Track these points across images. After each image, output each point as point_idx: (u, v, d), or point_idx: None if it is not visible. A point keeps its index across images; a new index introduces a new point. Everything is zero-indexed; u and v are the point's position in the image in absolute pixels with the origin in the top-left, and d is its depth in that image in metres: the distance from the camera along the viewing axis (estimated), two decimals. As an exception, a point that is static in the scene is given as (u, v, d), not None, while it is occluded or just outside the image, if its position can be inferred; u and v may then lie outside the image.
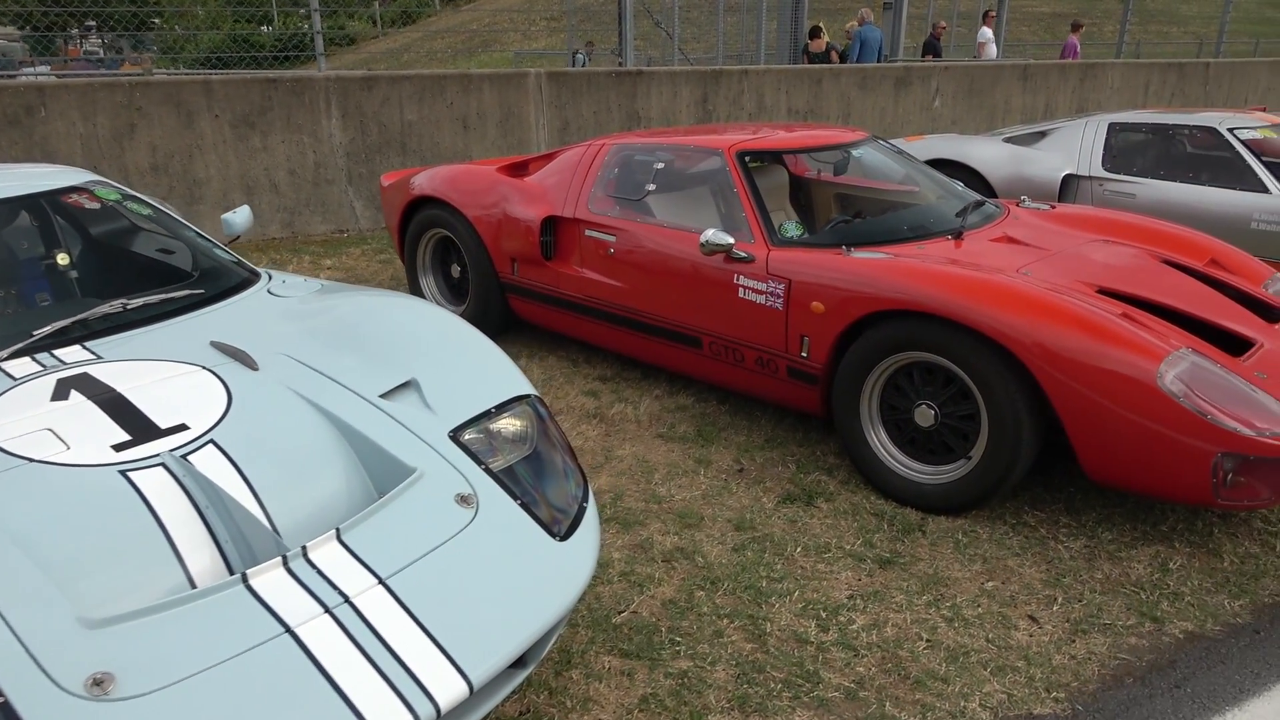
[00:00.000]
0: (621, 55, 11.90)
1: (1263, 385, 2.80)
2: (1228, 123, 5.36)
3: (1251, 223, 5.03)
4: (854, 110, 9.04)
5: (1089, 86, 10.45)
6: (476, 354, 2.51)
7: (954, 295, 2.91)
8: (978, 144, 6.14)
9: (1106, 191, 5.54)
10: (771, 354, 3.46)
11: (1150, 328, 2.91)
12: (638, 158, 4.11)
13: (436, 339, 2.53)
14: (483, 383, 2.39)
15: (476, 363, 2.47)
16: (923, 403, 3.09)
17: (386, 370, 2.35)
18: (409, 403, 2.27)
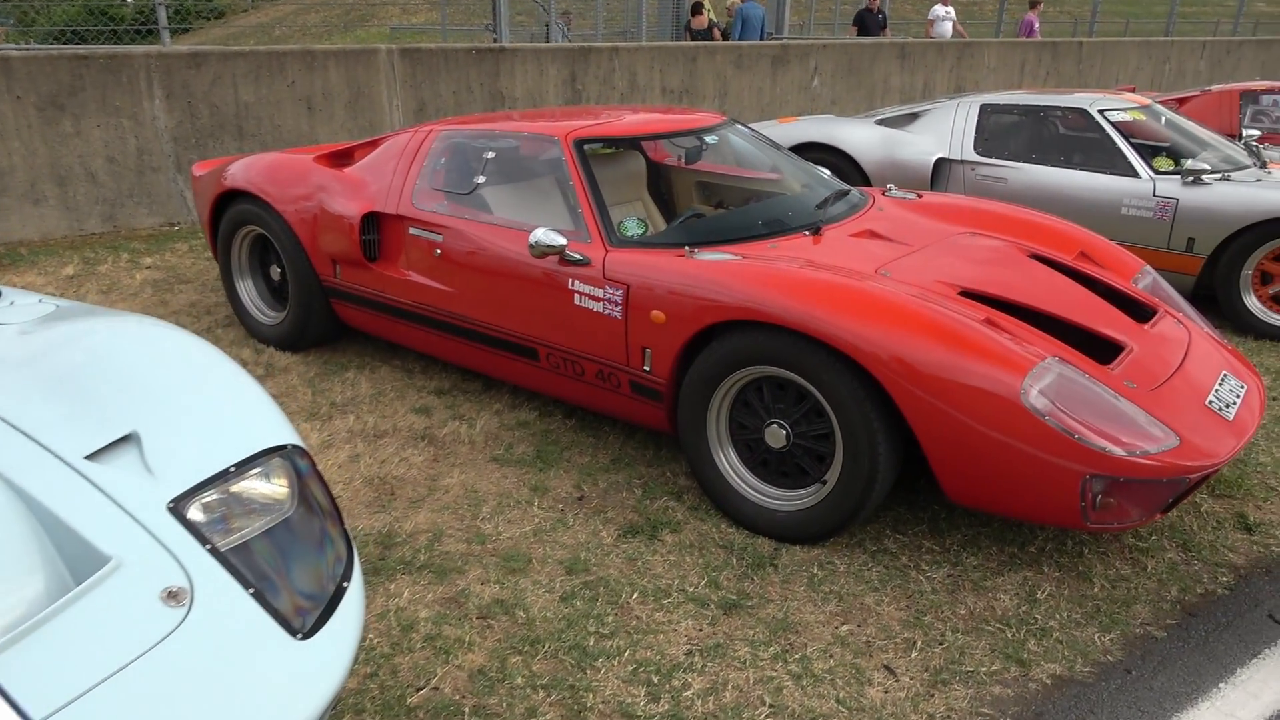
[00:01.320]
0: (496, 31, 11.36)
1: (1132, 396, 2.57)
2: (1098, 104, 5.22)
3: (1122, 208, 4.91)
4: (731, 90, 8.74)
5: (966, 65, 10.41)
6: (222, 395, 2.04)
7: (802, 304, 2.59)
8: (850, 127, 5.89)
9: (978, 176, 5.36)
10: (612, 367, 3.09)
11: (1015, 335, 2.65)
12: (467, 146, 3.66)
13: (173, 378, 2.05)
14: (224, 433, 1.93)
15: (219, 407, 2.00)
16: (774, 422, 2.78)
17: (101, 422, 1.86)
18: (122, 465, 1.80)
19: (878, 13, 13.68)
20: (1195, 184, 4.71)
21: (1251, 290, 4.66)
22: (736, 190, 4.30)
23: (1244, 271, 4.63)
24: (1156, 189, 4.81)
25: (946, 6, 13.09)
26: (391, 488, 3.09)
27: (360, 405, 3.71)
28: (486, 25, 12.21)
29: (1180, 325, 3.14)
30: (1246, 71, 13.23)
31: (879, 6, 13.76)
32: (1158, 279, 3.50)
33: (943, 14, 13.06)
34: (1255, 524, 2.96)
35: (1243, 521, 2.98)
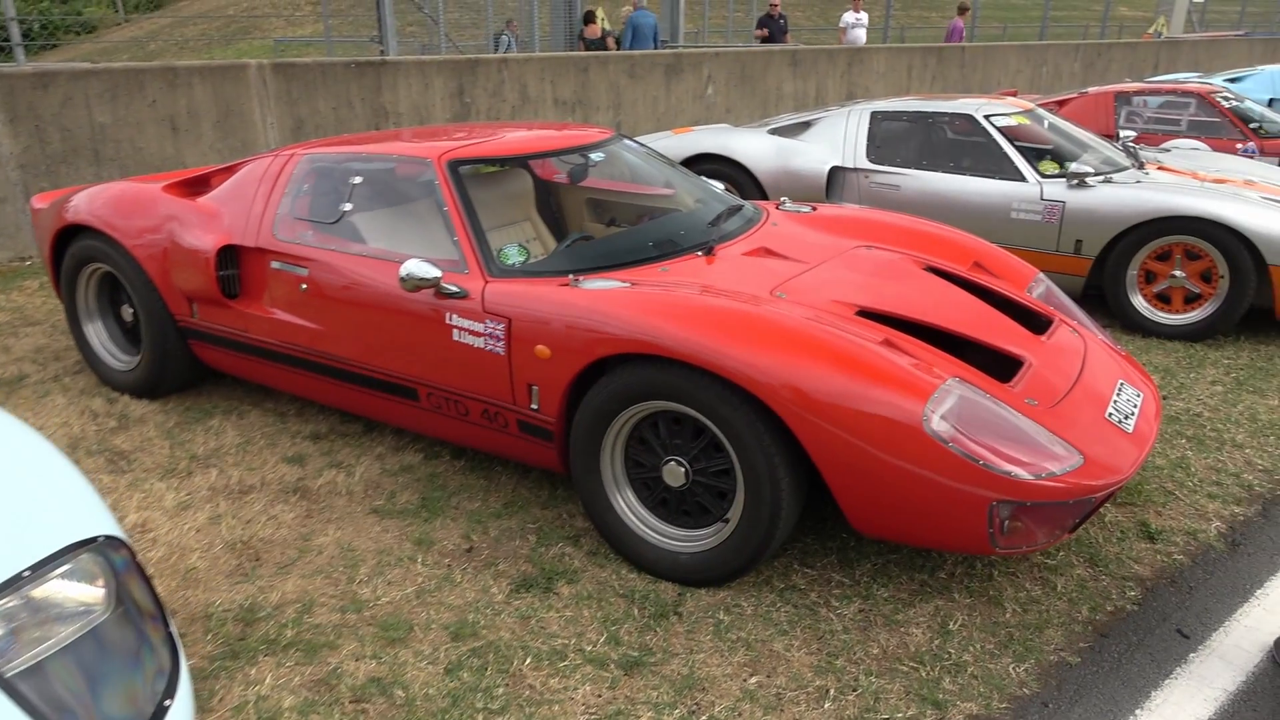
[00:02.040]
0: (382, 43, 10.98)
1: (1034, 414, 2.49)
2: (984, 110, 5.25)
3: (1011, 212, 4.93)
4: (625, 100, 8.61)
5: (857, 71, 10.53)
6: (22, 482, 1.75)
7: (694, 334, 2.43)
8: (743, 137, 5.80)
9: (872, 184, 5.32)
10: (498, 406, 2.88)
11: (914, 356, 2.54)
12: (333, 170, 3.39)
13: (-38, 461, 1.76)
14: (21, 529, 1.65)
15: (17, 496, 1.72)
16: (671, 459, 2.60)
17: None
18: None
19: (779, 18, 13.77)
20: (1080, 187, 4.76)
21: (1138, 289, 4.73)
22: (629, 207, 4.13)
23: (1129, 271, 4.69)
24: (1044, 192, 4.84)
25: (859, 14, 13.20)
26: (257, 552, 2.81)
27: (225, 457, 3.39)
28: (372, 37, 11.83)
29: (1075, 334, 3.10)
30: (1117, 73, 13.81)
31: (779, 12, 13.84)
32: (1051, 286, 3.47)
33: (853, 20, 13.17)
34: (1157, 531, 2.93)
35: (1145, 530, 2.94)
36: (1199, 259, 4.55)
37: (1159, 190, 4.62)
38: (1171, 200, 4.50)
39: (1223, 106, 6.87)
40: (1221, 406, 3.89)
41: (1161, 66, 14.92)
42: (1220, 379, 4.19)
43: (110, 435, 3.58)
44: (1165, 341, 4.64)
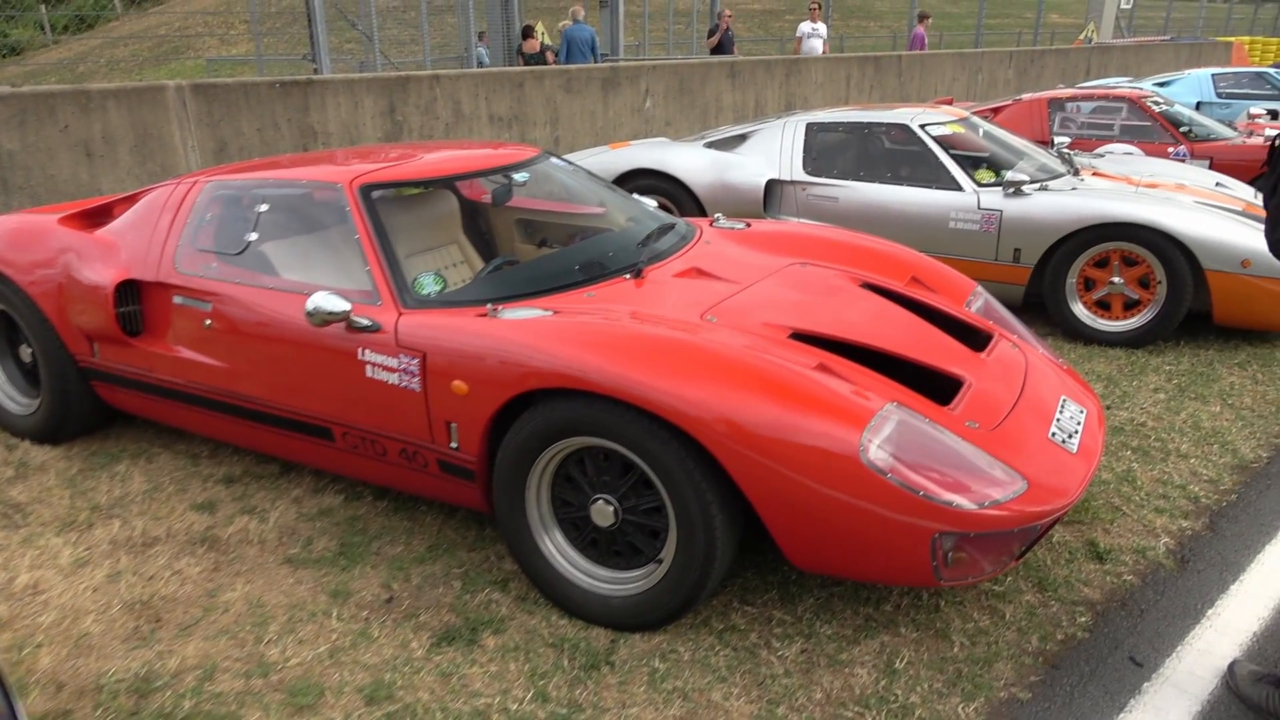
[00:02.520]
0: (315, 61, 10.74)
1: (975, 438, 2.39)
2: (919, 119, 5.20)
3: (950, 222, 4.88)
4: (562, 115, 8.46)
5: (795, 82, 10.51)
6: None
7: (617, 365, 2.29)
8: (680, 151, 5.69)
9: (810, 196, 5.24)
10: (416, 445, 2.71)
11: (851, 381, 2.42)
12: (238, 198, 3.20)
13: None
14: None
15: None
16: (599, 497, 2.46)
17: None
18: None
19: (727, 29, 13.74)
20: (1016, 195, 4.72)
21: (1077, 297, 4.70)
22: (560, 227, 3.99)
23: (1068, 279, 4.66)
24: (981, 201, 4.80)
25: (815, 24, 13.15)
26: (157, 612, 2.60)
27: (130, 506, 3.17)
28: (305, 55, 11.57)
29: (1016, 348, 3.02)
30: (1050, 78, 14.02)
31: (728, 25, 13.81)
32: (989, 299, 3.40)
33: (810, 30, 13.11)
34: (1106, 551, 2.85)
35: (1094, 550, 2.86)
36: (1137, 265, 4.53)
37: (1094, 197, 4.60)
38: (1107, 207, 4.48)
39: (1153, 111, 6.94)
40: (1165, 415, 3.85)
41: (1093, 72, 15.20)
42: (1163, 386, 4.16)
43: (6, 486, 3.33)
44: (1107, 349, 4.61)
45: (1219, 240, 4.32)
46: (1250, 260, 4.28)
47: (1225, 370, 4.34)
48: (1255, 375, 4.28)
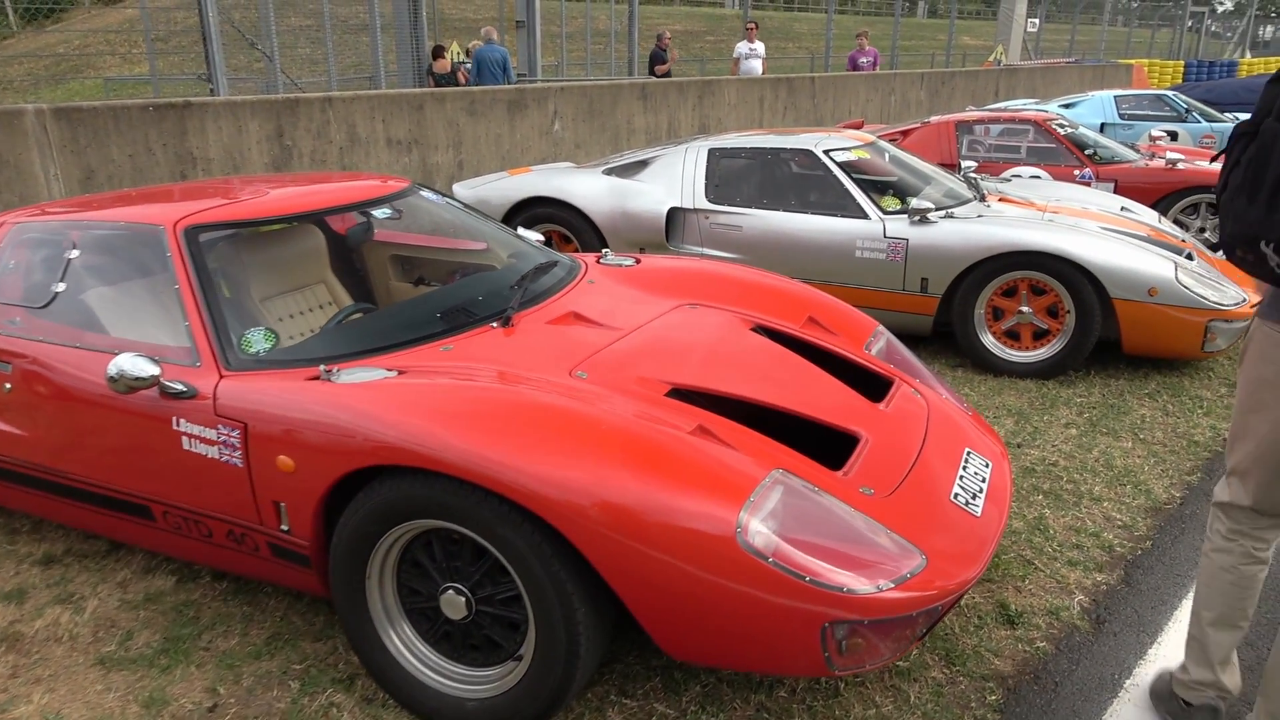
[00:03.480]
0: (212, 81, 10.23)
1: (870, 507, 2.15)
2: (823, 144, 5.03)
3: (855, 250, 4.70)
4: (465, 138, 8.13)
5: (708, 104, 10.37)
6: None
7: (459, 439, 1.98)
8: (579, 178, 5.42)
9: (713, 225, 5.02)
10: (244, 526, 2.35)
11: (733, 446, 2.16)
12: (47, 241, 2.81)
13: None
14: None
15: None
16: (450, 586, 2.14)
17: None
18: None
19: (664, 50, 13.56)
20: (922, 223, 4.56)
21: (986, 327, 4.55)
22: (438, 263, 3.68)
23: (976, 310, 4.51)
24: (886, 229, 4.63)
25: (753, 44, 13.00)
26: (-76, 739, 2.19)
27: (-82, 600, 2.73)
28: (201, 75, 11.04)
29: (917, 395, 2.81)
30: (961, 100, 14.20)
31: (667, 44, 13.61)
32: (891, 340, 3.18)
33: (748, 51, 12.96)
34: (1018, 614, 2.64)
35: (1005, 613, 2.64)
36: (1045, 294, 4.40)
37: (1001, 225, 4.46)
38: (1014, 235, 4.35)
39: (1058, 134, 6.92)
40: (1077, 453, 3.69)
41: (1002, 93, 15.47)
42: (1074, 420, 4.01)
43: None
44: (1017, 380, 4.46)
45: (1126, 269, 4.21)
46: (1157, 289, 4.18)
47: (1136, 402, 4.22)
48: (1165, 406, 4.17)
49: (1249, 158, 1.74)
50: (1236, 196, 1.76)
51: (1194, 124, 10.19)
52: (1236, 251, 1.80)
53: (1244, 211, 1.74)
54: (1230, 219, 1.78)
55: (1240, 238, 1.77)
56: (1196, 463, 3.64)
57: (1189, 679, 2.15)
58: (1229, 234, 1.80)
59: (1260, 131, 1.73)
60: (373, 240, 3.69)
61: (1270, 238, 1.70)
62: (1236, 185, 1.76)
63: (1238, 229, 1.76)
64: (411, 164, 7.79)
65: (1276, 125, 1.69)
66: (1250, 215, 1.72)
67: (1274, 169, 1.67)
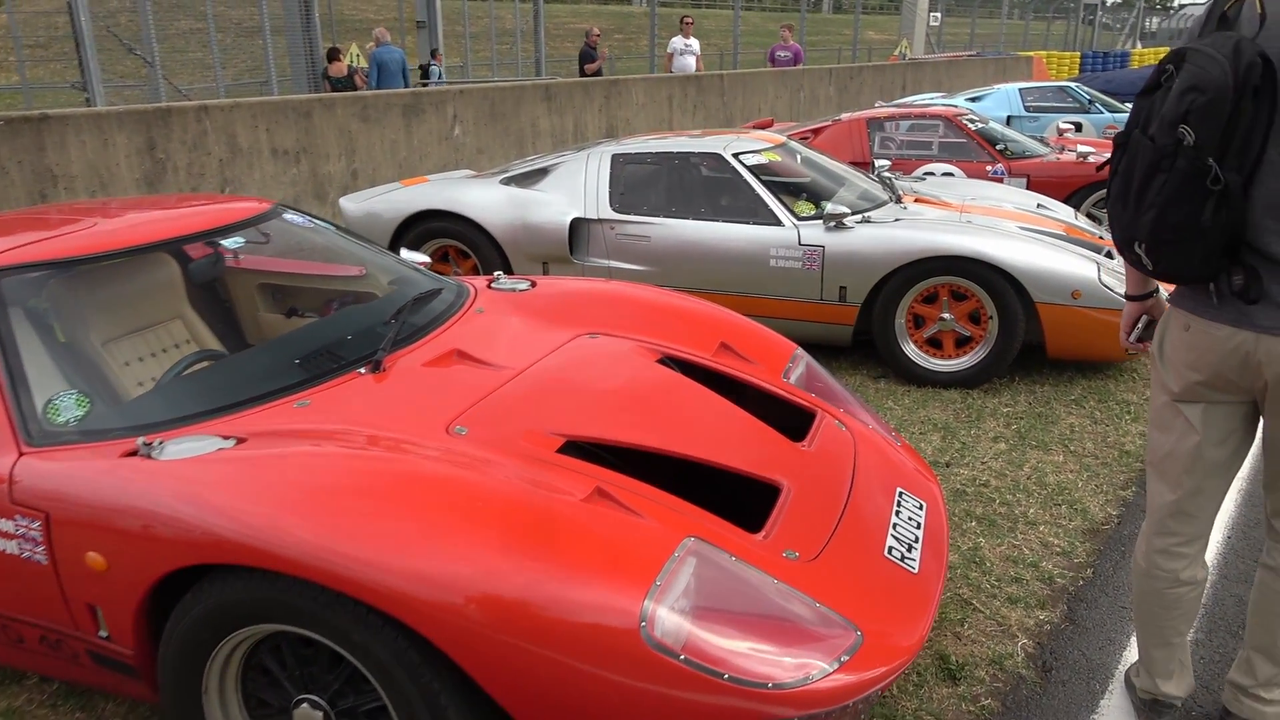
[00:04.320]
0: (87, 90, 9.56)
1: (795, 575, 1.87)
2: (732, 147, 4.77)
3: (770, 259, 4.45)
4: (359, 146, 7.66)
5: (616, 104, 10.07)
6: None
7: (301, 529, 1.63)
8: (474, 189, 5.05)
9: (619, 236, 4.71)
10: (59, 632, 1.96)
11: (636, 511, 1.86)
12: None
13: None
14: None
15: None
16: (304, 698, 1.79)
17: None
18: None
19: (594, 48, 13.14)
20: (838, 229, 4.34)
21: (908, 336, 4.36)
22: (312, 292, 3.30)
23: (897, 318, 4.31)
24: (801, 236, 4.39)
25: (688, 39, 12.57)
26: None
27: None
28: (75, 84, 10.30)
29: (841, 427, 2.55)
30: (870, 95, 14.23)
31: (596, 42, 13.18)
32: (811, 364, 2.93)
33: (683, 47, 12.54)
34: (959, 667, 2.40)
35: (945, 667, 2.40)
36: (966, 300, 4.22)
37: (918, 228, 4.27)
38: (932, 239, 4.15)
39: (969, 129, 6.83)
40: (1008, 470, 3.51)
41: (909, 87, 15.58)
42: (1002, 433, 3.83)
43: None
44: (942, 391, 4.28)
45: (1048, 271, 4.05)
46: (1080, 291, 4.04)
47: (1063, 410, 4.07)
48: (1093, 414, 4.03)
49: (1122, 167, 1.86)
50: (1115, 203, 1.88)
51: (1097, 115, 10.32)
52: (1123, 253, 1.91)
53: (1119, 215, 1.86)
54: (1114, 224, 1.90)
55: (1120, 240, 1.88)
56: (1130, 475, 3.49)
57: (1141, 680, 2.19)
58: (1115, 238, 1.91)
59: (1129, 142, 1.84)
60: (235, 269, 3.28)
61: (1139, 238, 1.80)
62: (1114, 192, 1.88)
63: (1117, 233, 1.89)
64: (300, 175, 7.30)
65: (1142, 137, 1.80)
66: (1124, 219, 1.84)
67: (1137, 176, 1.79)
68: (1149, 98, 1.83)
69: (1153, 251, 1.78)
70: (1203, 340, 1.86)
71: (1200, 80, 1.67)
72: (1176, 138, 1.70)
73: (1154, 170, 1.74)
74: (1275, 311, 1.75)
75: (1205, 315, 1.84)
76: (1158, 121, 1.75)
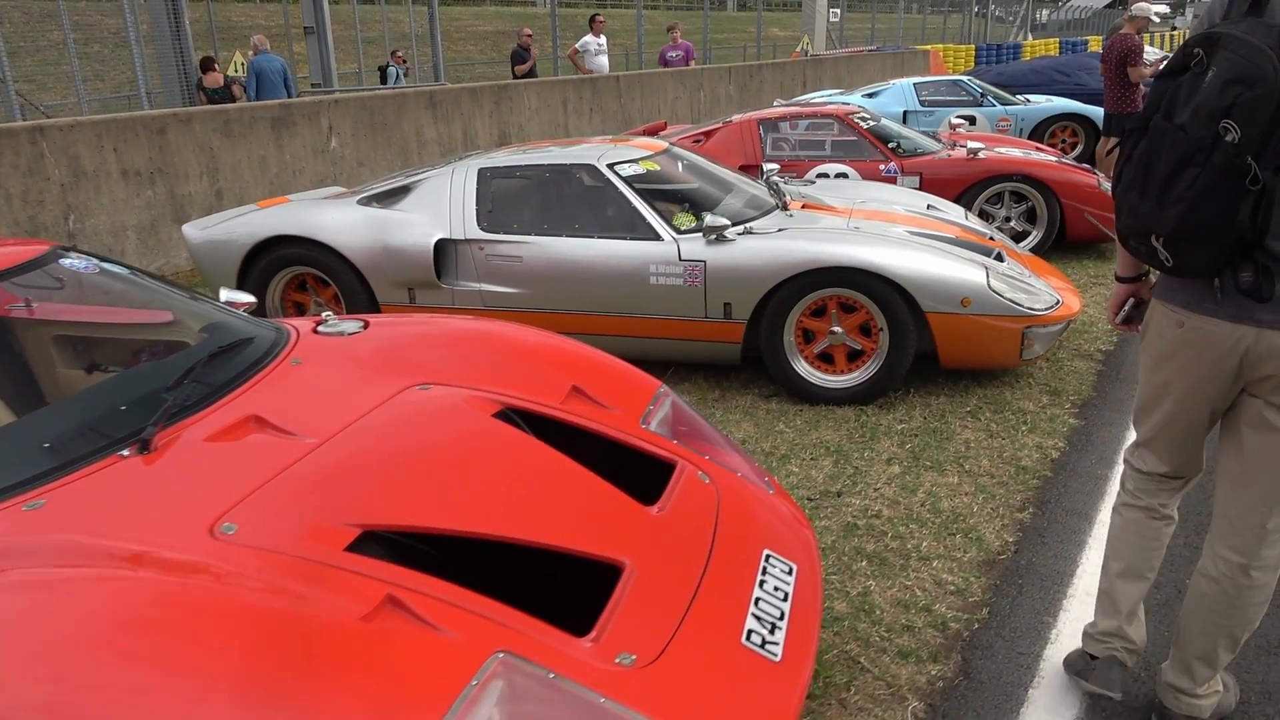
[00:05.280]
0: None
1: (631, 687, 1.56)
2: (607, 157, 4.47)
3: (650, 277, 4.17)
4: (222, 163, 7.14)
5: (506, 109, 9.69)
6: None
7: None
8: (330, 210, 4.64)
9: (489, 257, 4.37)
10: None
11: (433, 623, 1.53)
12: None
13: None
14: None
15: None
16: None
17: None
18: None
19: (526, 49, 12.63)
20: (719, 242, 4.08)
21: (798, 352, 4.12)
22: (115, 343, 2.88)
23: (786, 334, 4.06)
24: (681, 251, 4.12)
25: (599, 38, 12.18)
26: None
27: None
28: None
29: (704, 479, 2.27)
30: (770, 93, 14.12)
31: (529, 42, 12.66)
32: (676, 404, 2.63)
33: (595, 47, 12.14)
34: (845, 744, 2.14)
35: (829, 747, 2.14)
36: (856, 311, 4.00)
37: (803, 238, 4.03)
38: (816, 250, 3.92)
39: (861, 127, 6.67)
40: (901, 497, 3.28)
41: (809, 84, 15.56)
42: (896, 454, 3.62)
43: None
44: (835, 410, 4.05)
45: (937, 279, 3.86)
46: (970, 299, 3.85)
47: (958, 424, 3.88)
48: (989, 426, 3.85)
49: (1140, 153, 1.77)
50: (1129, 191, 1.81)
51: (990, 108, 10.35)
52: (1130, 242, 1.85)
53: (1136, 206, 1.79)
54: (1124, 212, 1.83)
55: (1133, 231, 1.82)
56: (1027, 494, 3.30)
57: (1096, 631, 2.20)
58: (1123, 226, 1.85)
59: (1150, 128, 1.75)
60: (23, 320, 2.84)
61: (1160, 232, 1.73)
62: (1129, 180, 1.81)
63: (1131, 222, 1.81)
64: (156, 198, 6.75)
65: (1164, 122, 1.71)
66: (1142, 210, 1.77)
67: (1161, 166, 1.71)
68: (1172, 80, 1.73)
69: (1173, 246, 1.72)
70: (1200, 338, 1.83)
71: (1247, 74, 1.58)
72: (1216, 132, 1.61)
73: (1185, 163, 1.66)
74: (1275, 306, 1.72)
75: (1203, 311, 1.81)
76: (1191, 111, 1.66)
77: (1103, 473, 3.46)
